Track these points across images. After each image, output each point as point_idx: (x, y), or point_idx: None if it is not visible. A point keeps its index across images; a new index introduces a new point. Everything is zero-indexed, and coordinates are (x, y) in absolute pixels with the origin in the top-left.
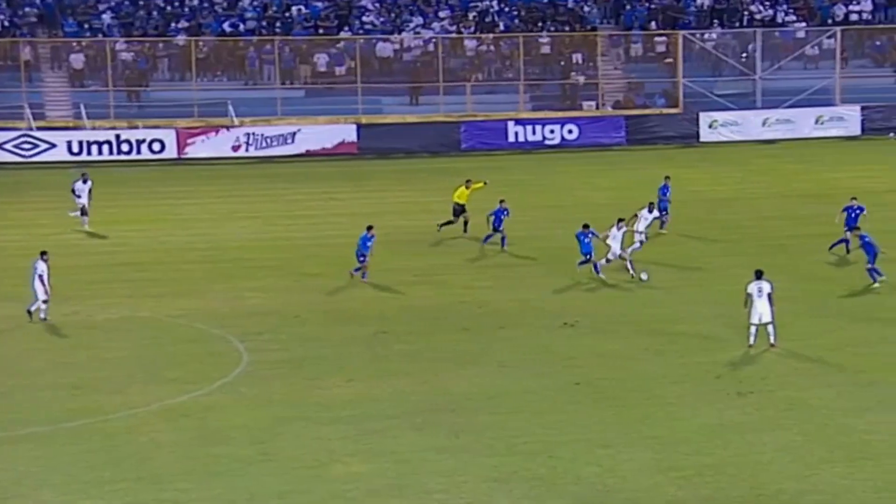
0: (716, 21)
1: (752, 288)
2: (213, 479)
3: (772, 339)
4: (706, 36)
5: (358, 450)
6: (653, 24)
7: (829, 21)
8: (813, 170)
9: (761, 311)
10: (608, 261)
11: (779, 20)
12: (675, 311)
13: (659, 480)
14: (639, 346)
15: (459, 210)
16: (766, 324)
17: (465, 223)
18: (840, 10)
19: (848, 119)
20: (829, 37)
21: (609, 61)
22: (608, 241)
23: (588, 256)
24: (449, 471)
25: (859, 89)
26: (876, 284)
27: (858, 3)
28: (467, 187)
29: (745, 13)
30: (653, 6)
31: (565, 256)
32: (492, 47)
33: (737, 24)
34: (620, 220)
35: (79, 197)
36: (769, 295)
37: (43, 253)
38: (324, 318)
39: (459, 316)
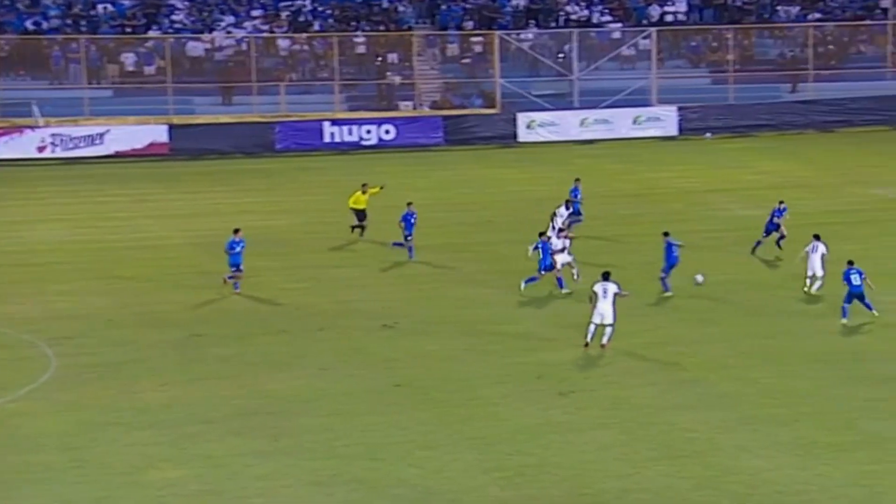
0: (532, 21)
1: (598, 288)
2: (25, 487)
3: (604, 340)
4: (522, 36)
5: (173, 455)
6: (469, 24)
7: (645, 22)
8: (632, 170)
9: (603, 311)
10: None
11: (594, 21)
12: (495, 311)
13: (482, 481)
14: (460, 347)
15: (362, 215)
16: (606, 325)
17: (362, 228)
18: (655, 11)
19: (665, 119)
20: (644, 37)
21: (425, 61)
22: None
23: (545, 272)
24: (268, 475)
25: (676, 90)
26: (668, 294)
27: (673, 4)
28: (364, 192)
29: (561, 13)
30: (468, 6)
31: (382, 257)
32: (306, 47)
33: (553, 25)
34: (560, 229)
35: None
36: (614, 296)
37: None
38: (136, 322)
39: (277, 318)
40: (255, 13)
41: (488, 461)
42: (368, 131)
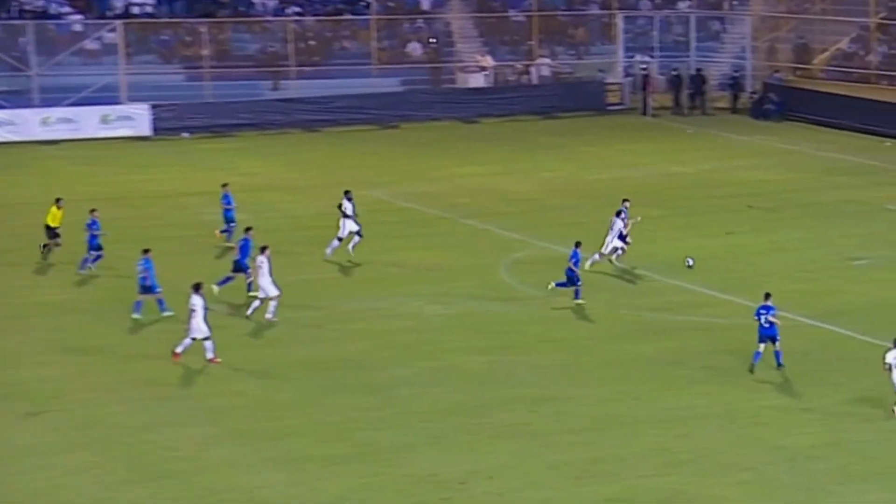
0: None
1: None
2: None
3: (209, 354)
4: None
5: None
6: None
7: (109, 14)
8: (102, 172)
9: (196, 326)
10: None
11: (52, 12)
12: None
13: None
14: None
15: (53, 234)
16: (203, 339)
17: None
18: (120, 3)
19: (137, 118)
20: (110, 31)
21: None
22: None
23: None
24: None
25: (147, 87)
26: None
27: None
28: (59, 207)
29: (14, 3)
30: None
31: None
32: None
33: (5, 16)
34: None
35: None
36: (200, 311)
37: None
38: None
39: None
40: None
41: None
42: None
